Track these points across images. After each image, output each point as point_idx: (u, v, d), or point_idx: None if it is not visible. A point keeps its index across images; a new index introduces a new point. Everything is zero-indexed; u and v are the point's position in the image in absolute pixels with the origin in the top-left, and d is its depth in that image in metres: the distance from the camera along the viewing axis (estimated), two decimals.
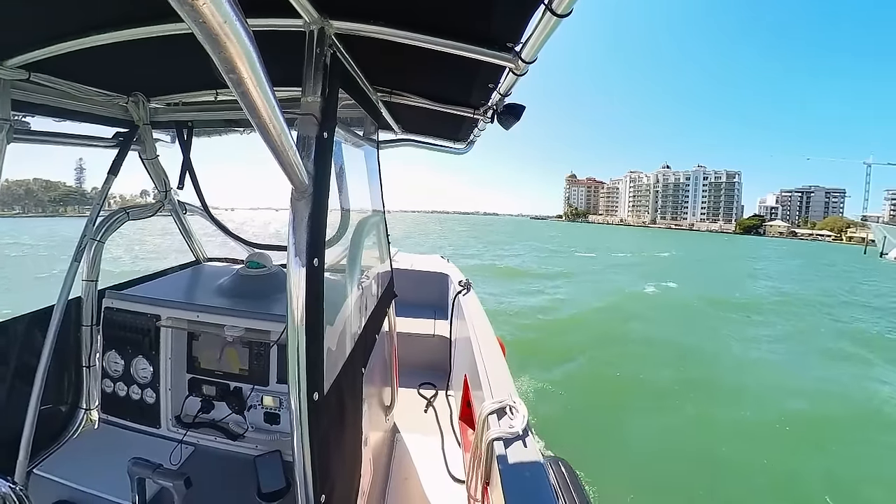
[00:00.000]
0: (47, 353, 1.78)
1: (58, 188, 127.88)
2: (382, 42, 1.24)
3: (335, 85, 1.13)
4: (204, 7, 0.49)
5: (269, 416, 1.80)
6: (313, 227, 0.99)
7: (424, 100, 2.03)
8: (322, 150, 1.05)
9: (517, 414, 1.75)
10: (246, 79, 0.63)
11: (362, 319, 1.78)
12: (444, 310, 4.48)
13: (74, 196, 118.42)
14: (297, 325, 0.95)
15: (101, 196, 2.09)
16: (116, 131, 2.15)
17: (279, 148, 0.82)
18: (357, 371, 1.51)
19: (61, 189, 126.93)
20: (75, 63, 1.47)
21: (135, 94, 2.08)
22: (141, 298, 1.92)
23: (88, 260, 2.02)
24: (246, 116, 0.72)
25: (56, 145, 1.96)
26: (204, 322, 1.82)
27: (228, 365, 1.84)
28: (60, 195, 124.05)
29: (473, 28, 1.21)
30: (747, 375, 9.94)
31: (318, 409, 1.00)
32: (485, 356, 2.44)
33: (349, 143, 1.70)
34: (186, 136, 2.37)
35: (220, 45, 0.56)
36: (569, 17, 0.94)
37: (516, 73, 1.36)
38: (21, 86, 1.59)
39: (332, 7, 1.09)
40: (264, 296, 2.01)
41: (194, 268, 2.62)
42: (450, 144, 2.93)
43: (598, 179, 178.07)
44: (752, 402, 8.34)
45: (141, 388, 1.89)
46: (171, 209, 2.51)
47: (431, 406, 3.46)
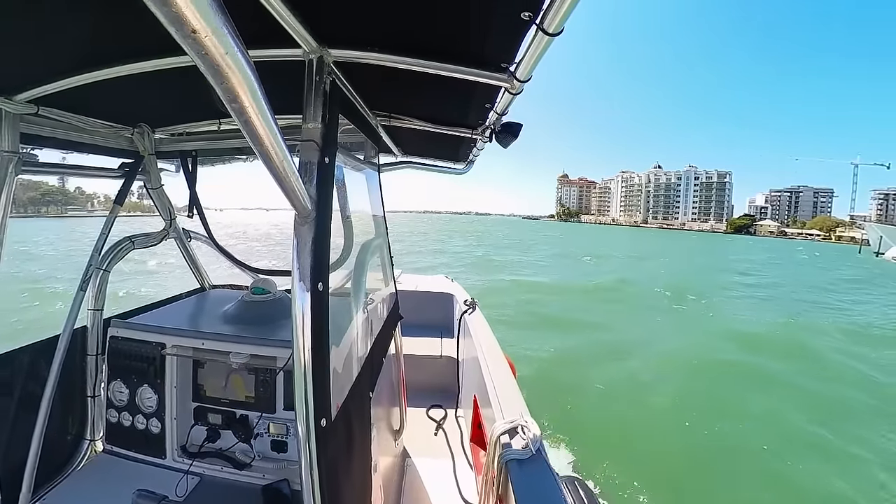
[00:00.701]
0: (52, 383, 1.78)
1: (38, 187, 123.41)
2: (380, 68, 1.27)
3: (335, 111, 1.15)
4: (206, 40, 0.50)
5: (276, 444, 1.77)
6: (317, 252, 0.99)
7: (423, 122, 2.06)
8: (324, 175, 1.06)
9: (529, 433, 1.71)
10: (248, 108, 0.64)
11: (368, 343, 1.76)
12: (451, 330, 4.45)
13: (56, 196, 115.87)
14: (302, 350, 0.95)
15: (106, 226, 2.11)
16: (122, 162, 2.19)
17: (282, 174, 0.83)
18: (365, 395, 1.49)
19: (42, 188, 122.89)
20: (82, 96, 1.50)
21: (140, 126, 2.12)
22: (146, 327, 1.92)
23: (94, 289, 2.02)
24: (249, 144, 0.73)
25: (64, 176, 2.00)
26: (209, 349, 1.81)
27: (234, 392, 1.82)
28: (41, 195, 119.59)
29: (468, 50, 1.23)
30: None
31: (325, 435, 0.99)
32: (493, 375, 2.40)
33: (350, 168, 1.72)
34: (191, 165, 2.40)
35: (223, 75, 0.57)
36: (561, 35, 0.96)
37: (512, 92, 1.39)
38: (30, 119, 1.62)
39: (330, 36, 1.12)
40: (269, 322, 2.01)
41: (199, 295, 2.63)
42: (450, 165, 2.96)
43: (590, 179, 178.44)
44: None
45: (146, 417, 1.87)
46: (176, 237, 2.53)
47: (441, 428, 3.41)
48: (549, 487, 1.47)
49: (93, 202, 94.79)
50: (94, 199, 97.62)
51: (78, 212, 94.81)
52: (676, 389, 8.78)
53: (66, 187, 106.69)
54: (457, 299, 4.58)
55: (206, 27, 0.49)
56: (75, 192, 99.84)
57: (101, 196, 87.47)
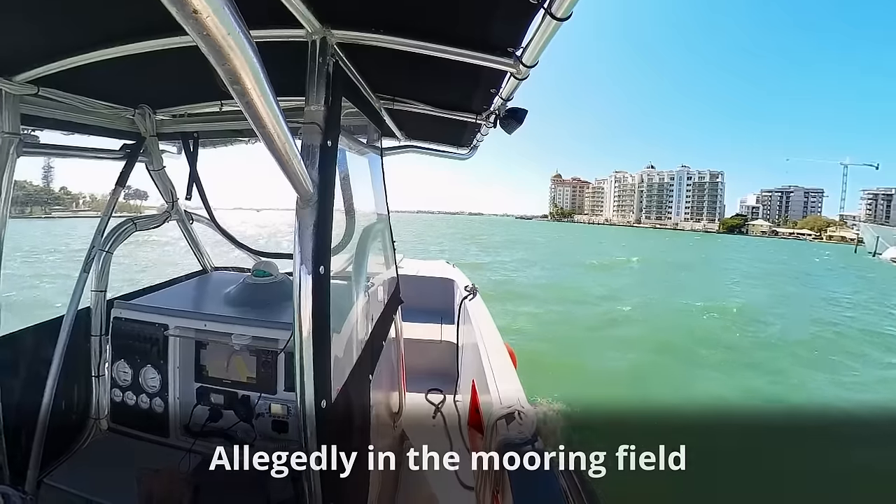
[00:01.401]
0: (57, 364, 1.80)
1: (23, 187, 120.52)
2: (384, 50, 1.25)
3: (338, 93, 1.14)
4: (208, 20, 0.50)
5: (277, 425, 1.80)
6: (319, 235, 1.00)
7: (427, 106, 2.04)
8: (326, 159, 1.05)
9: (526, 419, 1.74)
10: (250, 89, 0.64)
11: (369, 326, 1.77)
12: (451, 315, 4.47)
13: (41, 196, 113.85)
14: (303, 332, 0.96)
15: (109, 207, 2.11)
16: (123, 143, 2.18)
17: (284, 157, 0.83)
18: (364, 378, 1.51)
19: (28, 189, 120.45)
20: (82, 77, 1.49)
21: (141, 107, 2.10)
22: (149, 308, 1.93)
23: (97, 270, 2.03)
24: (251, 126, 0.73)
25: (65, 158, 1.99)
26: (211, 331, 1.82)
27: (236, 373, 1.84)
28: (25, 195, 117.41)
29: (474, 34, 1.21)
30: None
31: (325, 416, 1.00)
32: (492, 361, 2.43)
33: (353, 151, 1.71)
34: (192, 146, 2.39)
35: (224, 56, 0.56)
36: (569, 21, 0.94)
37: (518, 77, 1.37)
38: (30, 100, 1.61)
39: (334, 17, 1.10)
40: (271, 304, 2.02)
41: (201, 277, 2.64)
42: (453, 150, 2.94)
43: (583, 179, 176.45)
44: None
45: (150, 397, 1.89)
46: (178, 219, 2.53)
47: (439, 412, 3.45)
48: (545, 472, 1.50)
49: (78, 202, 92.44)
50: (80, 199, 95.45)
51: (63, 212, 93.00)
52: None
53: (50, 186, 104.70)
54: (457, 285, 4.59)
55: (208, 7, 0.49)
56: (60, 192, 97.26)
57: (87, 196, 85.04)
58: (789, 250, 67.52)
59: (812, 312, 19.12)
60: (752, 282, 27.69)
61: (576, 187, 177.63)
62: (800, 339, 14.43)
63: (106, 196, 2.21)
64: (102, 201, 2.34)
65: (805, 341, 14.03)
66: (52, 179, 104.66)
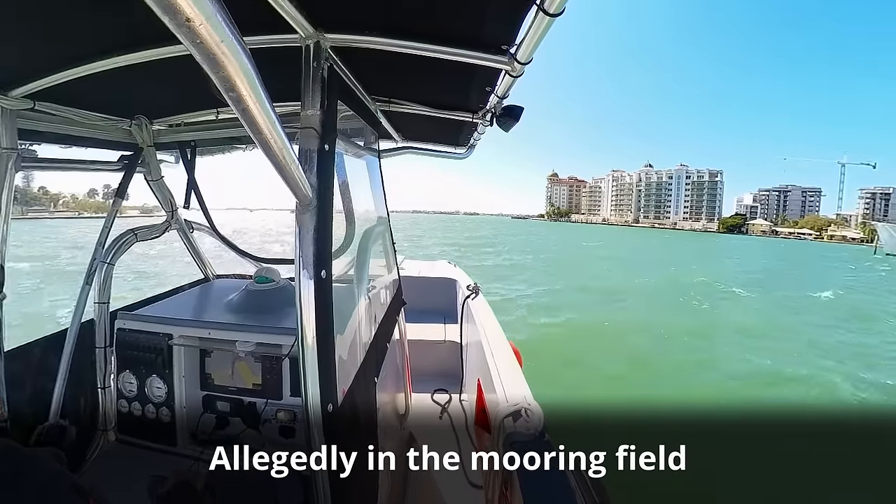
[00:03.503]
0: (63, 376, 1.80)
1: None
2: (378, 52, 1.25)
3: (334, 97, 1.14)
4: (200, 28, 0.50)
5: (284, 430, 1.80)
6: (319, 240, 1.00)
7: (423, 107, 2.04)
8: (324, 163, 1.06)
9: (533, 416, 1.73)
10: (245, 96, 0.64)
11: (372, 329, 1.78)
12: (454, 315, 4.47)
13: (18, 197, 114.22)
14: (307, 337, 0.96)
15: (109, 219, 2.12)
16: (121, 154, 2.18)
17: (281, 162, 0.83)
18: (370, 381, 1.51)
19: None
20: (78, 90, 1.49)
21: (138, 118, 2.10)
22: (152, 318, 1.93)
23: (99, 282, 2.04)
24: (248, 133, 0.73)
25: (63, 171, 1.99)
26: (215, 339, 1.83)
27: (241, 380, 1.84)
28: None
29: (467, 32, 1.21)
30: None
31: (332, 420, 1.00)
32: (497, 359, 2.43)
33: (351, 154, 1.71)
34: (190, 155, 2.39)
35: (219, 64, 0.56)
36: (561, 17, 0.94)
37: (512, 74, 1.37)
38: (26, 115, 1.61)
39: (327, 21, 1.10)
40: (274, 310, 2.02)
41: (203, 285, 2.64)
42: (450, 150, 2.94)
43: (580, 178, 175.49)
44: None
45: (156, 406, 1.90)
46: (178, 228, 2.53)
47: (446, 412, 3.45)
48: (553, 469, 1.49)
49: (56, 203, 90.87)
50: (59, 200, 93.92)
51: (39, 213, 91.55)
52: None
53: (30, 186, 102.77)
54: (459, 284, 4.59)
55: (200, 15, 0.49)
56: (39, 192, 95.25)
57: (68, 196, 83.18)
58: (798, 252, 64.18)
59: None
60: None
61: (572, 187, 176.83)
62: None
63: (86, 198, 2.20)
64: (83, 202, 2.32)
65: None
66: (31, 180, 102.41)
